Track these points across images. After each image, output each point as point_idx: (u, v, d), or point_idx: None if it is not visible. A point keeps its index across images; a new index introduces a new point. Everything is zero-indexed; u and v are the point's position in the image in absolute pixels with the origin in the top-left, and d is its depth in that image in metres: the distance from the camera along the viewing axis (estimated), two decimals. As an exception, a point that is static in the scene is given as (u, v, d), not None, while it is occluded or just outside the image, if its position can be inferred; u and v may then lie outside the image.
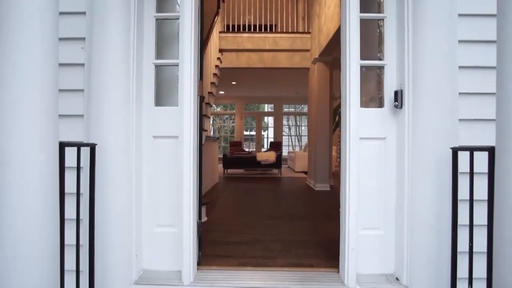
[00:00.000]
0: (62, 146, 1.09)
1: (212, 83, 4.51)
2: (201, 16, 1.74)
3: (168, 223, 1.67)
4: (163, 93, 1.85)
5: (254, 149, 11.43)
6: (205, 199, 3.04)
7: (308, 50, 5.56)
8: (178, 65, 1.62)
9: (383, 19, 1.66)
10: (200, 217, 1.77)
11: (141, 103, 1.65)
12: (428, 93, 1.47)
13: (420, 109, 1.49)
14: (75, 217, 1.20)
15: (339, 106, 1.84)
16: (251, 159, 6.87)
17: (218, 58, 5.23)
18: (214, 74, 4.74)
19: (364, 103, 1.88)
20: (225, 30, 5.70)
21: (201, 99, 1.79)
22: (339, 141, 1.83)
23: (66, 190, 1.12)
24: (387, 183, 1.66)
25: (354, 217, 1.56)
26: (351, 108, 1.58)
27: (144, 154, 1.67)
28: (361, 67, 1.62)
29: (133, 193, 1.57)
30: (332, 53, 4.71)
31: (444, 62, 1.45)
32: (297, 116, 12.01)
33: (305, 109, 11.65)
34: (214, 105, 11.74)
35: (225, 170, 7.12)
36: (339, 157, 1.80)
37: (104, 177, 1.41)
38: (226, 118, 12.37)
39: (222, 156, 7.00)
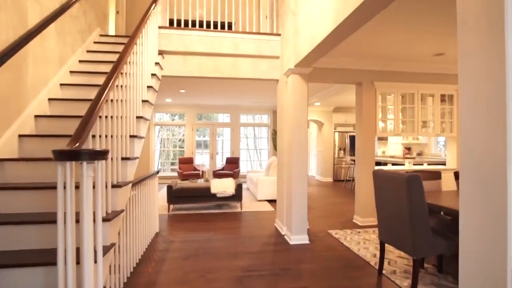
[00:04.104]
0: None
1: (145, 101, 3.04)
2: None
3: None
4: None
5: (208, 166, 9.94)
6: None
7: (277, 57, 4.35)
8: None
9: None
10: None
11: None
12: None
13: None
14: None
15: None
16: (204, 191, 5.43)
17: (157, 64, 3.75)
18: (149, 87, 3.26)
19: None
20: (168, 25, 4.22)
21: None
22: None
23: None
24: None
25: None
26: None
27: None
28: None
29: None
30: (313, 63, 3.54)
31: None
32: (256, 128, 10.81)
33: (265, 119, 10.52)
34: (164, 113, 10.09)
35: (170, 206, 5.58)
36: None
37: None
38: (174, 130, 10.68)
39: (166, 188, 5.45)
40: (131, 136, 2.56)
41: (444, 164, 6.10)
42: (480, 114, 1.14)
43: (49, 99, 2.94)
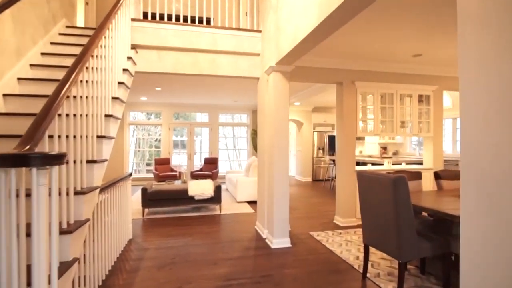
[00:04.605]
0: None
1: (115, 98, 2.79)
2: None
3: None
4: None
5: (185, 167, 9.64)
6: None
7: (258, 55, 4.20)
8: None
9: None
10: None
11: None
12: None
13: None
14: None
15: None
16: (181, 193, 5.19)
17: (130, 58, 3.49)
18: (121, 83, 3.01)
19: None
20: (142, 18, 3.96)
21: None
22: None
23: None
24: None
25: None
26: None
27: None
28: None
29: None
30: (295, 61, 3.43)
31: None
32: (235, 127, 10.62)
33: (244, 119, 10.37)
34: (139, 112, 9.63)
35: (145, 210, 5.30)
36: None
37: None
38: (150, 129, 10.27)
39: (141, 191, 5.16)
40: (98, 137, 2.32)
41: (421, 164, 6.22)
42: (488, 114, 1.05)
43: (4, 95, 2.63)
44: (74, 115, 1.95)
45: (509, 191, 0.97)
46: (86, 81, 2.20)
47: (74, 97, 2.01)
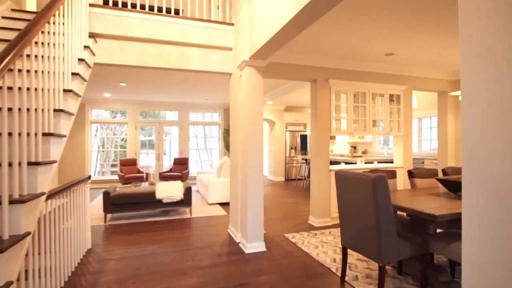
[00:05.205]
0: None
1: (67, 91, 2.45)
2: None
3: None
4: None
5: (154, 168, 9.17)
6: None
7: (230, 49, 3.99)
8: None
9: None
10: None
11: None
12: None
13: None
14: None
15: None
16: (148, 196, 4.83)
17: (87, 48, 3.12)
18: (75, 74, 2.66)
19: None
20: (102, 3, 3.58)
21: None
22: None
23: None
24: None
25: None
26: None
27: None
28: None
29: None
30: (269, 55, 3.26)
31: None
32: (206, 126, 10.29)
33: (216, 118, 10.08)
34: (102, 110, 8.95)
35: (107, 215, 4.88)
36: None
37: None
38: (116, 129, 9.65)
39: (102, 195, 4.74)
40: (44, 134, 1.99)
41: (391, 162, 6.34)
42: (491, 108, 0.93)
43: None
44: (10, 109, 1.62)
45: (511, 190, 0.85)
46: (28, 71, 1.88)
47: (10, 88, 1.68)
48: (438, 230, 3.62)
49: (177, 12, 4.79)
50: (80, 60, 2.91)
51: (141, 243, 3.72)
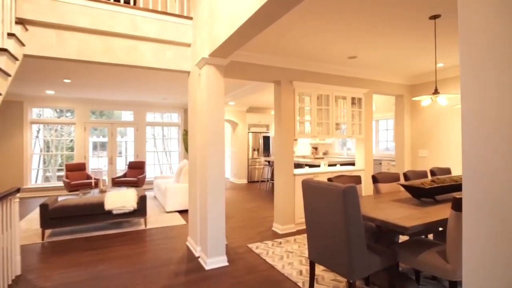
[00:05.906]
0: None
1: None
2: None
3: None
4: None
5: (106, 173, 8.43)
6: None
7: (188, 45, 3.66)
8: None
9: None
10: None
11: None
12: None
13: None
14: None
15: None
16: (96, 207, 4.30)
17: (12, 35, 2.61)
18: (-7, 67, 2.17)
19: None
20: (34, -14, 3.05)
21: None
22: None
23: None
24: None
25: None
26: None
27: None
28: None
29: None
30: (231, 53, 3.00)
31: None
32: (165, 127, 9.72)
33: (175, 118, 9.56)
34: (45, 108, 7.96)
35: (45, 231, 4.26)
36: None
37: None
38: (61, 129, 8.70)
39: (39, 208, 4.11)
40: None
41: (353, 164, 6.42)
42: (491, 108, 0.77)
43: None
44: None
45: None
46: None
47: None
48: (401, 236, 3.63)
49: (127, 1, 4.34)
50: (2, 50, 2.40)
51: (85, 264, 3.24)
